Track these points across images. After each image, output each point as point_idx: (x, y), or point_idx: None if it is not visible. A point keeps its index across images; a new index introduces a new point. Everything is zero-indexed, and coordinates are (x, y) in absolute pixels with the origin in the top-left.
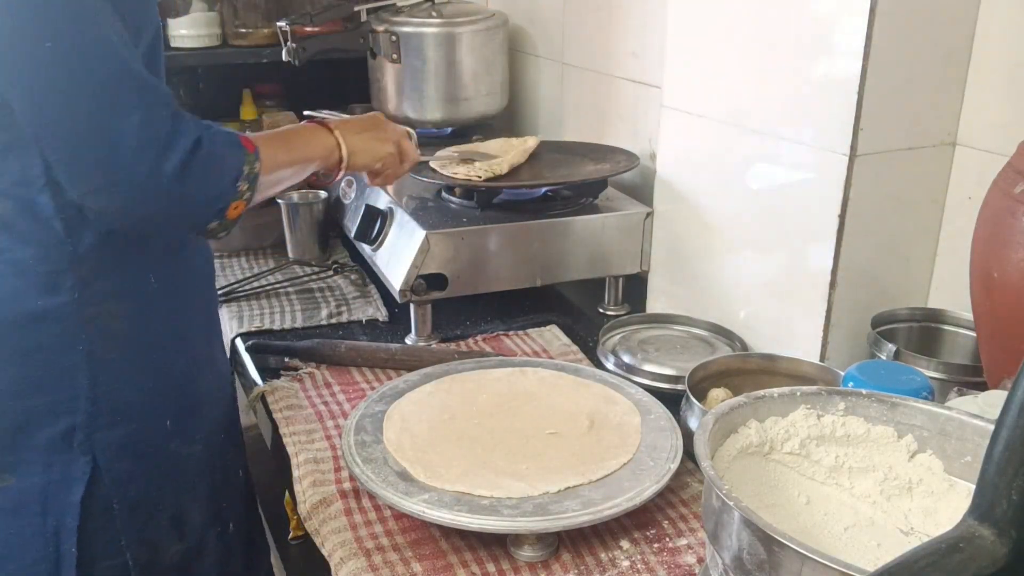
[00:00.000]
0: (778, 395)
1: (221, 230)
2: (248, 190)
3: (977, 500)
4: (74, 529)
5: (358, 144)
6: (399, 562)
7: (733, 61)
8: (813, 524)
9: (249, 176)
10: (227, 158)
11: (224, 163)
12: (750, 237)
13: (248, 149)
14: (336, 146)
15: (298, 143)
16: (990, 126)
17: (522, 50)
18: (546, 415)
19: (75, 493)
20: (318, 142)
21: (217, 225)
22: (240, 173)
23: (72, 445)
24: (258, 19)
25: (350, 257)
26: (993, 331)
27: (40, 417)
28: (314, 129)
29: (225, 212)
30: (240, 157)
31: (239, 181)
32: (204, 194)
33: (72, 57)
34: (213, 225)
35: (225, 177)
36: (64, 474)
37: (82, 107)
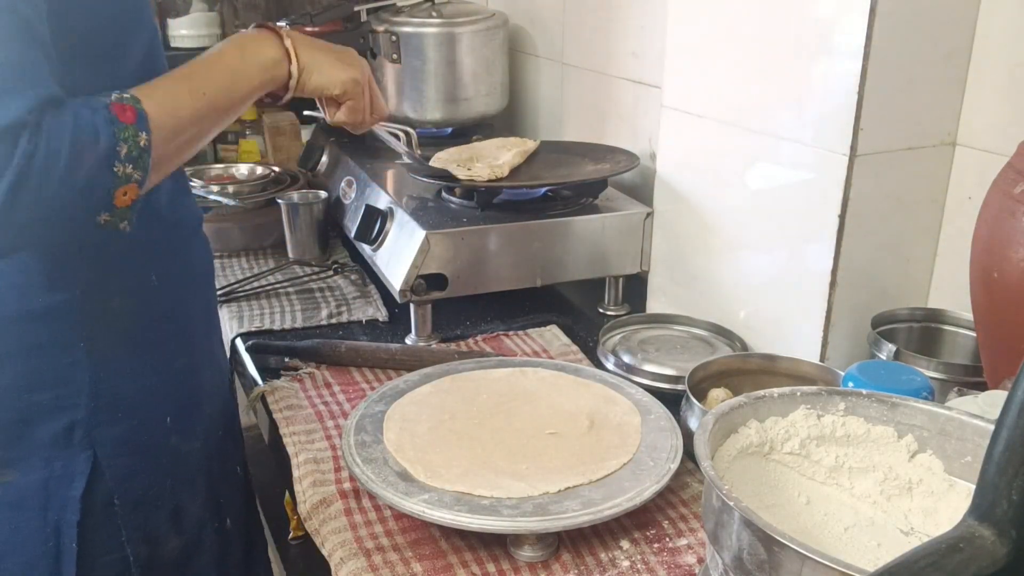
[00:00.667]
0: (778, 395)
1: (118, 220)
2: (136, 171)
3: (977, 500)
4: (74, 524)
5: (313, 58)
6: (399, 562)
7: (733, 61)
8: (813, 524)
9: (131, 155)
10: (84, 150)
11: (80, 159)
12: (750, 237)
13: (124, 120)
14: (284, 57)
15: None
16: (990, 126)
17: (522, 50)
18: (546, 415)
19: (76, 488)
20: (253, 60)
21: (109, 217)
22: (112, 156)
23: (73, 441)
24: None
25: (350, 257)
26: (993, 331)
27: (42, 413)
28: (252, 40)
29: (110, 203)
30: (108, 139)
31: (114, 165)
32: (57, 203)
33: None
34: (104, 218)
35: (85, 173)
36: (65, 470)
37: None
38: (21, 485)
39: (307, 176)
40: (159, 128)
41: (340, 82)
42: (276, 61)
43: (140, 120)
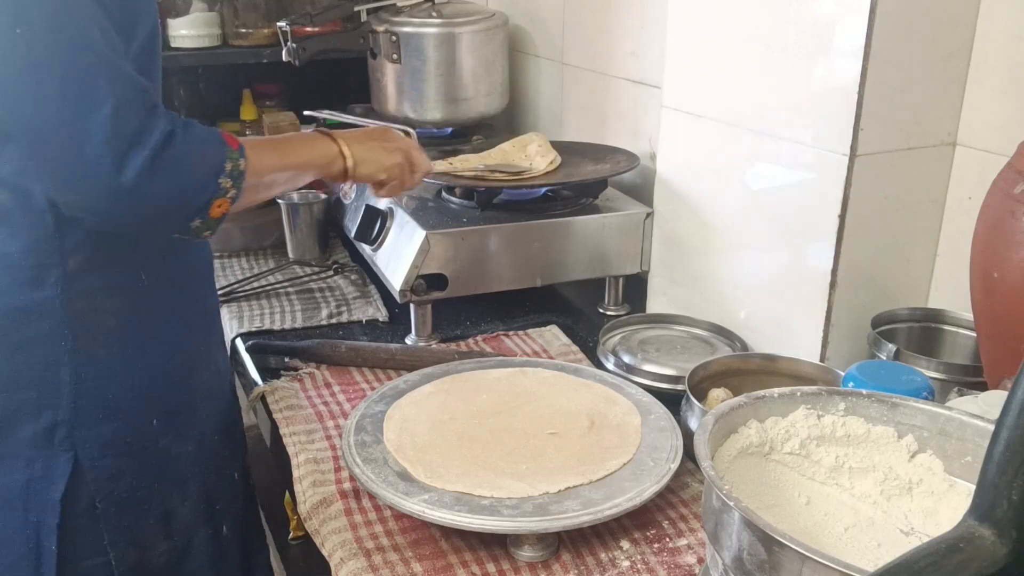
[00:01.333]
0: (778, 395)
1: (204, 229)
2: (233, 188)
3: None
4: (54, 527)
5: (363, 153)
6: (399, 562)
7: (733, 61)
8: (813, 524)
9: (233, 172)
10: (205, 153)
11: (201, 158)
12: (750, 237)
13: (231, 145)
14: (339, 155)
15: (294, 148)
16: (990, 126)
17: (522, 50)
18: (546, 415)
19: (56, 490)
20: (317, 149)
21: (200, 224)
22: (221, 169)
23: (54, 441)
24: (258, 19)
25: (350, 257)
26: (993, 331)
27: (23, 412)
28: (315, 136)
29: (207, 210)
30: (221, 153)
31: (220, 177)
32: (178, 190)
33: (42, 46)
34: (195, 224)
35: (202, 173)
36: (46, 470)
37: (50, 99)
38: (2, 485)
39: None
40: (252, 164)
41: (386, 169)
42: (332, 156)
43: (241, 150)
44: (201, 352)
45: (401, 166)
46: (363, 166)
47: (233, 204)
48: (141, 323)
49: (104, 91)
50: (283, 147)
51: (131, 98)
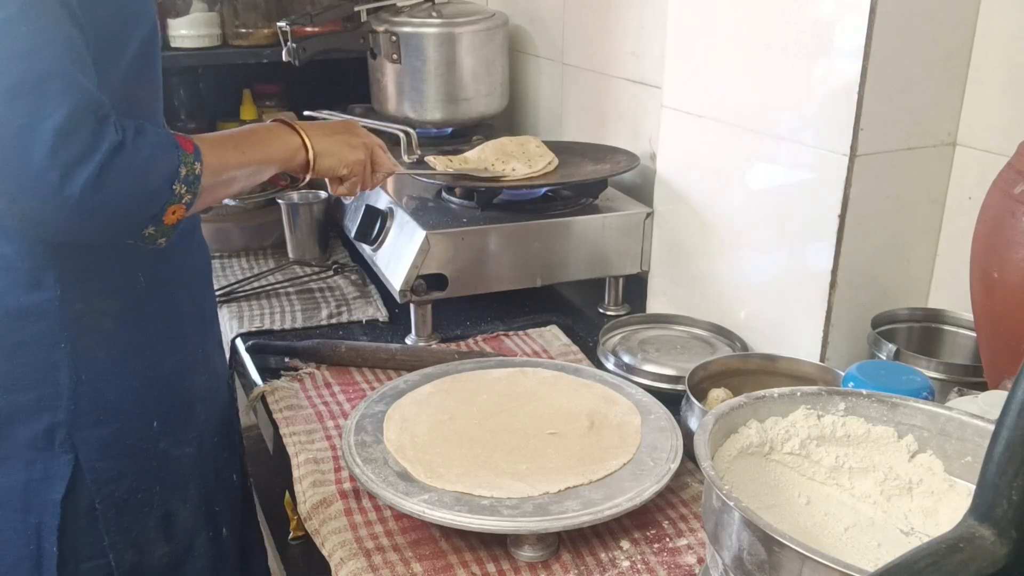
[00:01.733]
0: (778, 395)
1: (159, 236)
2: (187, 193)
3: (977, 500)
4: (54, 528)
5: (325, 146)
6: (399, 562)
7: (733, 61)
8: (813, 524)
9: (187, 178)
10: (156, 160)
11: (152, 167)
12: (750, 237)
13: (186, 149)
14: (302, 146)
15: (254, 143)
16: (990, 126)
17: (522, 50)
18: (546, 415)
19: (56, 492)
20: (279, 142)
21: (154, 231)
22: (175, 175)
23: (54, 443)
24: (258, 19)
25: (350, 257)
26: (993, 331)
27: (22, 414)
28: (276, 128)
29: (160, 218)
30: (174, 158)
31: (174, 183)
32: (127, 201)
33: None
34: (149, 231)
35: (153, 181)
36: (45, 472)
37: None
38: (2, 487)
39: None
40: (209, 164)
41: (347, 164)
42: (295, 149)
43: (196, 152)
44: (198, 354)
45: (363, 163)
46: (324, 159)
47: (189, 209)
48: (138, 325)
49: (53, 102)
50: (244, 142)
51: (82, 109)
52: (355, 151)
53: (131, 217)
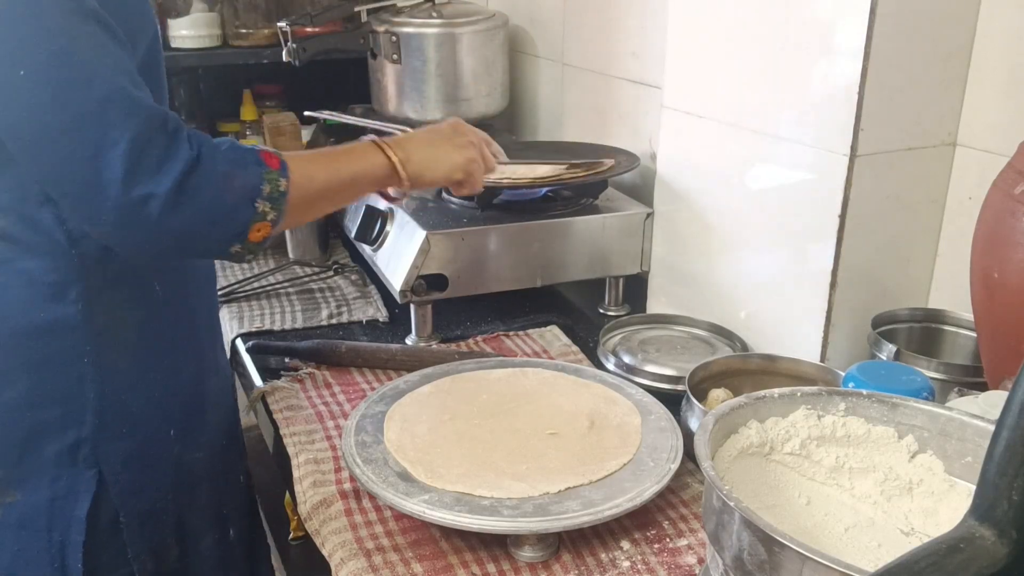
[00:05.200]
0: (778, 395)
1: (246, 253)
2: (272, 210)
3: (978, 500)
4: (80, 544)
5: (429, 156)
6: (399, 562)
7: (733, 61)
8: (813, 525)
9: (271, 196)
10: (235, 177)
11: (230, 184)
12: (750, 237)
13: (270, 165)
14: (388, 165)
15: (343, 160)
16: (990, 126)
17: (522, 50)
18: (546, 416)
19: (81, 507)
20: (366, 160)
21: (240, 248)
22: (257, 192)
23: (78, 458)
24: (258, 20)
25: (350, 257)
26: (993, 331)
27: (48, 430)
28: (365, 147)
29: (245, 235)
30: (256, 175)
31: (257, 200)
32: (207, 219)
33: (48, 86)
34: (235, 249)
35: (233, 198)
36: (70, 488)
37: (61, 140)
38: (26, 505)
39: None
40: (296, 181)
41: (458, 167)
42: (383, 165)
43: (283, 169)
44: (209, 358)
45: (476, 160)
46: (427, 172)
47: (275, 227)
48: (157, 334)
49: (118, 126)
50: (333, 160)
51: (149, 129)
52: (464, 151)
53: (213, 235)
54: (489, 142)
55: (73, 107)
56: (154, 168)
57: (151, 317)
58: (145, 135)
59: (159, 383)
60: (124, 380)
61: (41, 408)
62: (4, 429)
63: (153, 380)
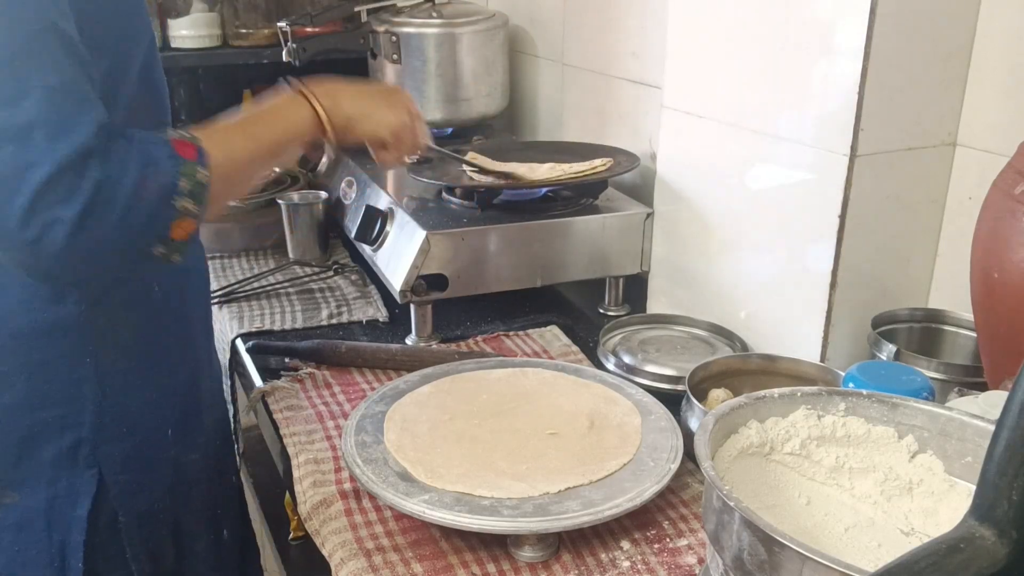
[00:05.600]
0: (778, 395)
1: (172, 253)
2: (195, 205)
3: (978, 501)
4: (81, 544)
5: (359, 108)
6: (399, 562)
7: (733, 61)
8: (813, 525)
9: (191, 191)
10: (148, 180)
11: (144, 189)
12: (750, 237)
13: (186, 157)
14: (313, 116)
15: (264, 125)
16: (990, 126)
17: (522, 50)
18: (546, 416)
19: (81, 508)
20: (289, 120)
21: (164, 250)
22: (173, 191)
23: (78, 459)
24: (258, 20)
25: (350, 257)
26: (994, 332)
27: (47, 432)
28: (287, 103)
29: (166, 236)
30: (171, 172)
31: (173, 199)
32: (119, 233)
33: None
34: (159, 251)
35: (148, 204)
36: (70, 489)
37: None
38: (24, 506)
39: (307, 176)
40: (217, 166)
41: (389, 126)
42: (310, 119)
43: (200, 157)
44: (203, 357)
45: (408, 127)
46: (362, 123)
47: (199, 219)
48: (155, 335)
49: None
50: (253, 127)
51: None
52: (396, 111)
53: (131, 246)
54: (421, 120)
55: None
56: (62, 196)
57: (149, 318)
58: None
59: (157, 384)
60: (123, 381)
61: (40, 410)
62: (1, 430)
63: (151, 381)
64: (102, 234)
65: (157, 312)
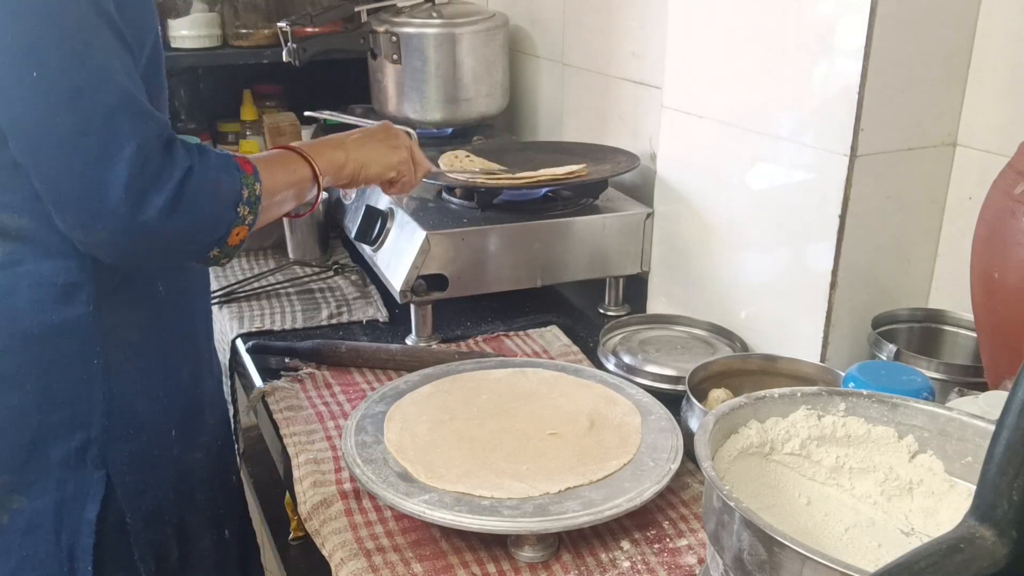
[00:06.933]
0: (779, 396)
1: (223, 257)
2: (250, 214)
3: (978, 501)
4: (90, 547)
5: (366, 155)
6: (399, 563)
7: (734, 61)
8: (814, 525)
9: (249, 199)
10: (222, 184)
11: (219, 189)
12: (750, 237)
13: (245, 170)
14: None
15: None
16: (990, 126)
17: (522, 50)
18: (547, 416)
19: (90, 510)
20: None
21: (218, 252)
22: (239, 197)
23: (86, 461)
24: (259, 20)
25: (350, 258)
26: (994, 332)
27: (56, 433)
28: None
29: (226, 239)
30: (237, 180)
31: (239, 205)
32: (198, 225)
33: (62, 89)
34: (214, 253)
35: (221, 204)
36: (78, 491)
37: (69, 144)
38: (32, 510)
39: None
40: (266, 185)
41: (393, 166)
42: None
43: (256, 173)
44: (205, 357)
45: (407, 161)
46: (369, 168)
47: (251, 229)
48: (160, 334)
49: (126, 133)
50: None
51: (152, 137)
52: (397, 151)
53: (201, 240)
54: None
55: (84, 111)
56: (154, 177)
57: (155, 318)
58: (149, 144)
59: (162, 383)
60: (131, 381)
61: (49, 411)
62: (10, 433)
63: (157, 380)
64: (187, 222)
65: (162, 310)
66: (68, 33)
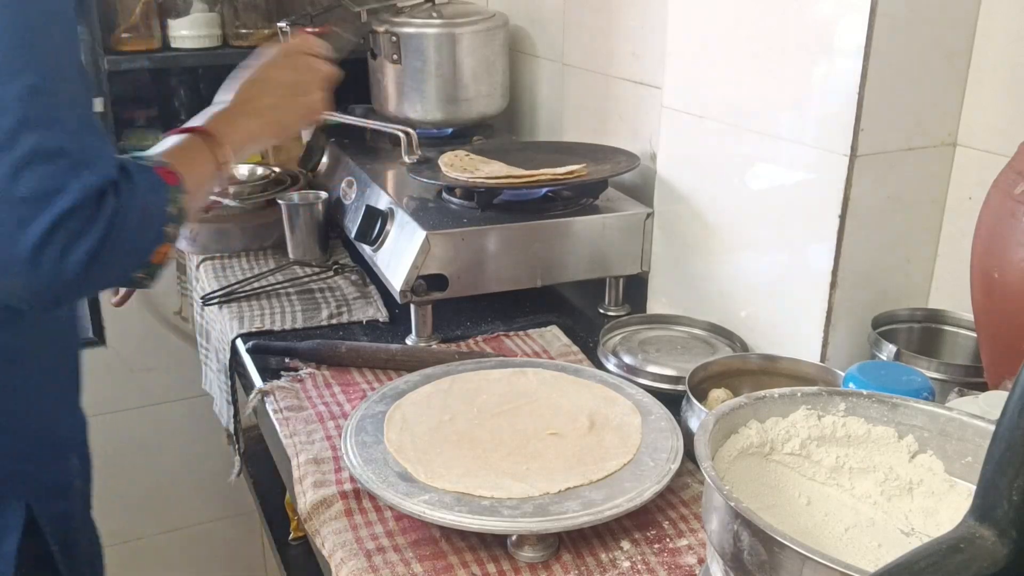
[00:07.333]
0: (779, 396)
1: (147, 279)
2: (175, 229)
3: (978, 501)
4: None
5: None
6: (399, 563)
7: (734, 61)
8: (814, 525)
9: (176, 216)
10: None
11: (145, 219)
12: (750, 237)
13: (170, 183)
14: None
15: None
16: (990, 126)
17: (522, 50)
18: (546, 416)
19: (9, 543)
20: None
21: (143, 275)
22: (165, 218)
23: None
24: (258, 20)
25: (350, 258)
26: (994, 332)
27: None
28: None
29: (149, 260)
30: (163, 199)
31: (166, 225)
32: (120, 261)
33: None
34: (139, 275)
35: (147, 231)
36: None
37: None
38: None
39: (307, 177)
40: (190, 191)
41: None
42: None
43: (181, 183)
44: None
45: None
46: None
47: (173, 245)
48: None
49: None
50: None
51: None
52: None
53: (125, 273)
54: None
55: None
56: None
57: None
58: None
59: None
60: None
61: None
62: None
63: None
64: (110, 262)
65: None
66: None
